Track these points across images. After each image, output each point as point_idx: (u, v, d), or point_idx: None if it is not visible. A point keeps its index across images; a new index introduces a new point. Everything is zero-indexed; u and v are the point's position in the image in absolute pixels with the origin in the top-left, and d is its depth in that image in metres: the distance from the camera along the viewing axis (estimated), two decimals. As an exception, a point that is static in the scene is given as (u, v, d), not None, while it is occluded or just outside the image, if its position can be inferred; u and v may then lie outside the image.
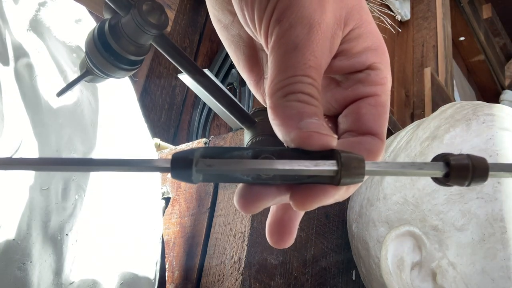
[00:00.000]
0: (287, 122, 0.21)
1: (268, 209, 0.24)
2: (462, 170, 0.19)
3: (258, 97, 0.30)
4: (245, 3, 0.24)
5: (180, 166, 0.19)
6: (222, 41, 0.30)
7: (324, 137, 0.20)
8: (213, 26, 0.30)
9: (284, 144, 0.22)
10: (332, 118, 0.27)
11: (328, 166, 0.19)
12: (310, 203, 0.21)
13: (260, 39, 0.24)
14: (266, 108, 0.30)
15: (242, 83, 1.21)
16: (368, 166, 0.20)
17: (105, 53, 0.26)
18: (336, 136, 0.21)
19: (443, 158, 0.20)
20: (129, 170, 0.19)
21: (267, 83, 0.23)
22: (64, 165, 0.20)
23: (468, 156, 0.20)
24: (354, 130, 0.24)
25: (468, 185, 0.20)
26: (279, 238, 0.24)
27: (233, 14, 0.28)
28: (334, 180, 0.20)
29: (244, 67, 0.29)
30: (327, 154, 0.20)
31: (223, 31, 0.29)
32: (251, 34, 0.26)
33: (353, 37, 0.24)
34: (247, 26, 0.25)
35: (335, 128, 0.27)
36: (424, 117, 0.64)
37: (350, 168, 0.19)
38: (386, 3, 1.87)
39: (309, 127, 0.20)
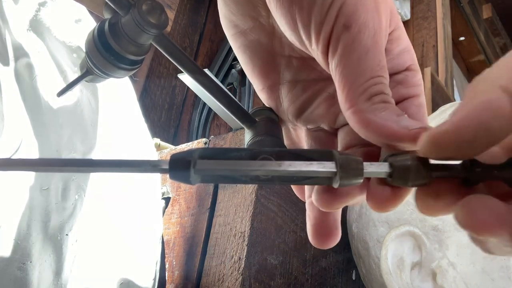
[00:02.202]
0: (386, 125, 0.21)
1: (266, 208, 0.24)
2: (404, 171, 0.19)
3: (270, 103, 0.30)
4: (299, 8, 0.23)
5: (178, 167, 0.19)
6: (234, 47, 0.29)
7: (428, 131, 0.20)
8: (213, 26, 0.30)
9: (380, 144, 0.22)
10: None
11: (326, 167, 0.19)
12: (392, 205, 0.21)
13: (313, 45, 0.24)
14: (266, 107, 0.30)
15: (242, 83, 1.21)
16: (367, 167, 0.20)
17: (105, 53, 0.26)
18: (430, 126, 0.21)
19: (388, 159, 0.20)
20: (128, 171, 0.19)
21: (339, 90, 0.23)
22: (63, 166, 0.20)
23: (412, 156, 0.19)
24: None
25: (412, 185, 0.19)
26: (326, 238, 0.25)
27: (254, 19, 0.28)
28: (332, 182, 0.20)
29: (259, 73, 0.29)
30: (325, 155, 0.20)
31: (238, 37, 0.29)
32: (297, 41, 0.25)
33: (393, 39, 0.25)
34: (294, 32, 0.24)
35: None
36: (424, 117, 0.64)
37: (348, 169, 0.19)
38: (386, 3, 1.87)
39: (411, 124, 0.20)
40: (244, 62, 0.30)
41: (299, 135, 0.31)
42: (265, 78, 0.29)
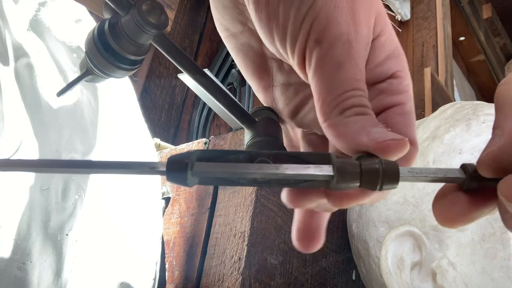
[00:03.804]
0: (357, 138, 0.21)
1: (266, 208, 0.24)
2: (372, 175, 0.19)
3: (266, 103, 0.30)
4: (276, 23, 0.23)
5: (175, 169, 0.19)
6: (228, 48, 0.30)
7: (401, 141, 0.20)
8: (213, 26, 0.30)
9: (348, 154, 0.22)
10: None
11: (323, 171, 0.19)
12: (347, 202, 0.21)
13: (289, 58, 0.24)
14: (266, 107, 0.30)
15: (242, 83, 1.21)
16: None
17: (105, 53, 0.26)
18: (407, 138, 0.21)
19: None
20: (125, 172, 0.19)
21: (315, 103, 0.23)
22: (61, 167, 0.20)
23: (380, 160, 0.19)
24: None
25: (380, 189, 0.19)
26: (309, 243, 0.25)
27: (243, 23, 0.28)
28: (329, 185, 0.20)
29: (253, 75, 0.29)
30: (323, 158, 0.20)
31: (230, 40, 0.29)
32: (276, 53, 0.25)
33: (377, 46, 0.24)
34: (273, 45, 0.25)
35: None
36: (424, 117, 0.64)
37: (345, 173, 0.19)
38: (386, 3, 1.87)
39: (383, 136, 0.20)
40: (238, 64, 0.30)
41: (297, 135, 0.31)
42: (258, 79, 0.29)
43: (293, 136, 0.31)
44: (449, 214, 0.21)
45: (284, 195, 0.23)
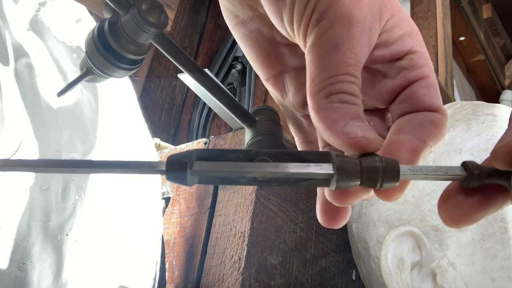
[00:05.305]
0: (332, 126, 0.21)
1: (266, 208, 0.24)
2: (372, 173, 0.19)
3: (275, 93, 0.30)
4: (283, 4, 0.24)
5: (175, 169, 0.19)
6: (237, 38, 0.29)
7: (371, 141, 0.20)
8: (213, 26, 0.30)
9: (329, 143, 0.22)
10: (381, 112, 0.27)
11: (323, 169, 0.19)
12: (349, 199, 0.21)
13: (297, 39, 0.24)
14: (266, 107, 0.30)
15: (242, 83, 1.21)
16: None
17: (105, 53, 0.26)
18: (381, 139, 0.21)
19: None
20: (125, 172, 0.19)
21: (307, 82, 0.23)
22: (61, 167, 0.20)
23: (380, 158, 0.19)
24: (413, 112, 0.25)
25: (380, 187, 0.19)
26: (334, 217, 0.24)
27: (253, 8, 0.28)
28: (329, 184, 0.20)
29: (263, 63, 0.29)
30: (323, 157, 0.20)
31: (239, 27, 0.29)
32: (286, 35, 0.25)
33: (389, 27, 0.25)
34: (282, 27, 0.25)
35: (383, 122, 0.27)
36: (424, 117, 0.64)
37: (345, 171, 0.19)
38: (386, 3, 1.87)
39: (355, 132, 0.20)
40: (247, 53, 0.30)
41: (311, 125, 0.30)
42: (269, 67, 0.29)
43: (307, 126, 0.30)
44: (454, 215, 0.21)
45: (328, 194, 0.22)
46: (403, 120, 0.24)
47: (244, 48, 0.29)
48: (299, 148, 0.30)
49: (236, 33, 0.29)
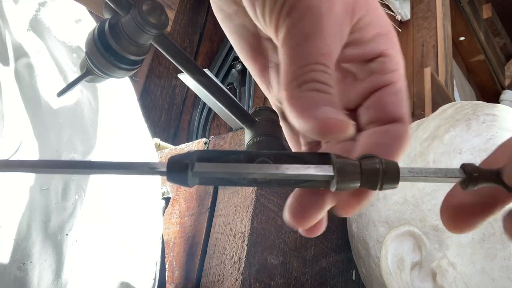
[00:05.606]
0: (304, 113, 0.21)
1: (266, 208, 0.24)
2: (372, 175, 0.19)
3: (263, 87, 0.30)
4: None
5: (176, 170, 0.19)
6: (225, 32, 0.30)
7: (340, 122, 0.20)
8: (213, 26, 0.30)
9: (302, 131, 0.22)
10: (352, 112, 0.27)
11: (324, 171, 0.19)
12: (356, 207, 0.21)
13: (270, 32, 0.24)
14: (266, 107, 0.30)
15: (242, 83, 1.21)
16: None
17: (105, 53, 0.26)
18: (353, 123, 0.21)
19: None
20: (126, 173, 0.19)
21: (281, 75, 0.23)
22: (60, 168, 0.20)
23: (380, 160, 0.19)
24: (378, 120, 0.25)
25: (380, 189, 0.19)
26: (302, 221, 0.23)
27: (237, 3, 0.28)
28: (329, 185, 0.20)
29: (248, 57, 0.29)
30: (323, 159, 0.20)
31: (225, 21, 0.29)
32: (261, 28, 0.25)
33: (363, 25, 0.24)
34: (256, 20, 0.25)
35: (356, 121, 0.26)
36: (424, 117, 0.64)
37: (345, 173, 0.19)
38: (386, 3, 1.87)
39: (325, 114, 0.20)
40: (235, 47, 0.30)
41: None
42: (255, 61, 0.29)
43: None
44: (458, 222, 0.21)
45: (288, 215, 0.22)
46: (370, 138, 0.24)
47: (232, 42, 0.30)
48: (288, 140, 0.30)
49: (223, 27, 0.29)
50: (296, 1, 0.22)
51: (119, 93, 0.50)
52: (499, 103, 0.99)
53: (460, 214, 0.21)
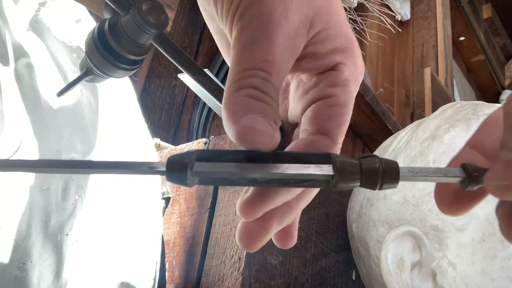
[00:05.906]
0: (230, 118, 0.20)
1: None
2: (372, 174, 0.19)
3: None
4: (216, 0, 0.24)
5: (175, 169, 0.19)
6: (210, 30, 0.30)
7: (260, 134, 0.19)
8: (213, 26, 0.30)
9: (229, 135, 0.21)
10: None
11: (323, 170, 0.19)
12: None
13: (227, 34, 0.25)
14: None
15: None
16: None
17: (105, 53, 0.26)
18: (277, 136, 0.20)
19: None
20: (125, 172, 0.19)
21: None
22: (60, 168, 0.20)
23: (380, 159, 0.19)
24: (309, 129, 0.24)
25: (380, 188, 0.19)
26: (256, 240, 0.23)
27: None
28: (329, 185, 0.20)
29: (226, 56, 0.29)
30: (323, 158, 0.20)
31: (208, 20, 0.29)
32: (223, 29, 0.26)
33: (320, 39, 0.24)
34: (218, 21, 0.25)
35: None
36: (424, 117, 0.64)
37: (345, 172, 0.19)
38: (386, 3, 1.87)
39: (249, 123, 0.19)
40: (218, 45, 0.30)
41: None
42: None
43: None
44: (450, 202, 0.21)
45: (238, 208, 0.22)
46: (296, 143, 0.24)
47: (215, 40, 0.30)
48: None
49: (208, 26, 0.29)
50: (249, 5, 0.22)
51: (119, 93, 0.50)
52: (499, 103, 0.99)
53: (454, 197, 0.21)
